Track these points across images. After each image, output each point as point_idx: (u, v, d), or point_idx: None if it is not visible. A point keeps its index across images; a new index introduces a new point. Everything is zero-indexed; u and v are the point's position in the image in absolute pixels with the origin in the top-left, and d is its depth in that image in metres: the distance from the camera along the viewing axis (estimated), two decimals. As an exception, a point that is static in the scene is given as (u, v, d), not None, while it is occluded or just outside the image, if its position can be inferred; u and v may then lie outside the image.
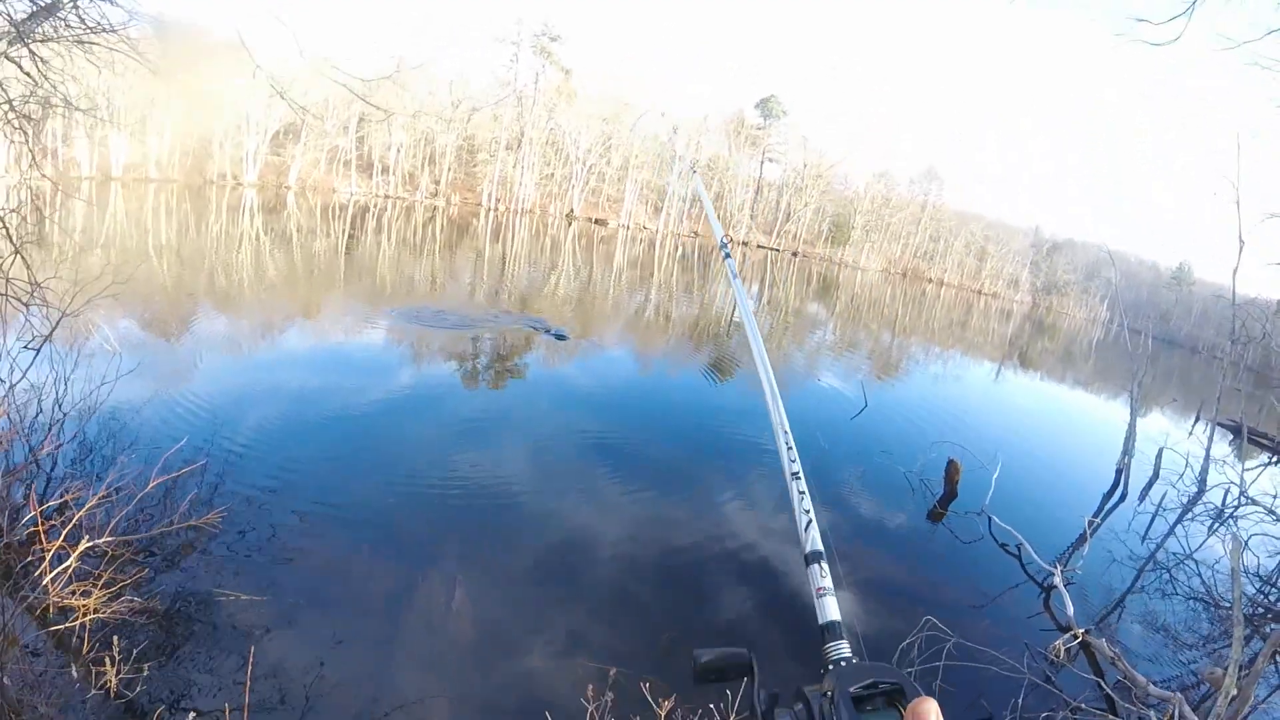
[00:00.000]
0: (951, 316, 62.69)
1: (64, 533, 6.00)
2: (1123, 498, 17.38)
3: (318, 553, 7.85)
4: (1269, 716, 9.30)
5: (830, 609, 1.62)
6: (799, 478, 2.07)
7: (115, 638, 5.18)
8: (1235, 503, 16.93)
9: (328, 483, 9.49)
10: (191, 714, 5.23)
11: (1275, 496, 16.57)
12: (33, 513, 6.19)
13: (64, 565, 5.76)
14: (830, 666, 1.29)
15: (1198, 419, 30.38)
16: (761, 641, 8.15)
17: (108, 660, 5.03)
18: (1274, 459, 25.56)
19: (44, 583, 5.66)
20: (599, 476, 11.56)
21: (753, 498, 12.07)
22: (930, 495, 13.86)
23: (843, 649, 1.43)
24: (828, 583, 1.67)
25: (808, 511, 1.93)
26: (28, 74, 6.48)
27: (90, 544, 5.94)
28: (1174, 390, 43.91)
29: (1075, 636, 9.20)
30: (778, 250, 79.32)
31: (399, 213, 41.72)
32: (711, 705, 5.46)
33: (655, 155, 68.01)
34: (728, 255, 3.44)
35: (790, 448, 2.14)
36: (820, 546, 1.87)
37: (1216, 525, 16.78)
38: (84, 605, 5.61)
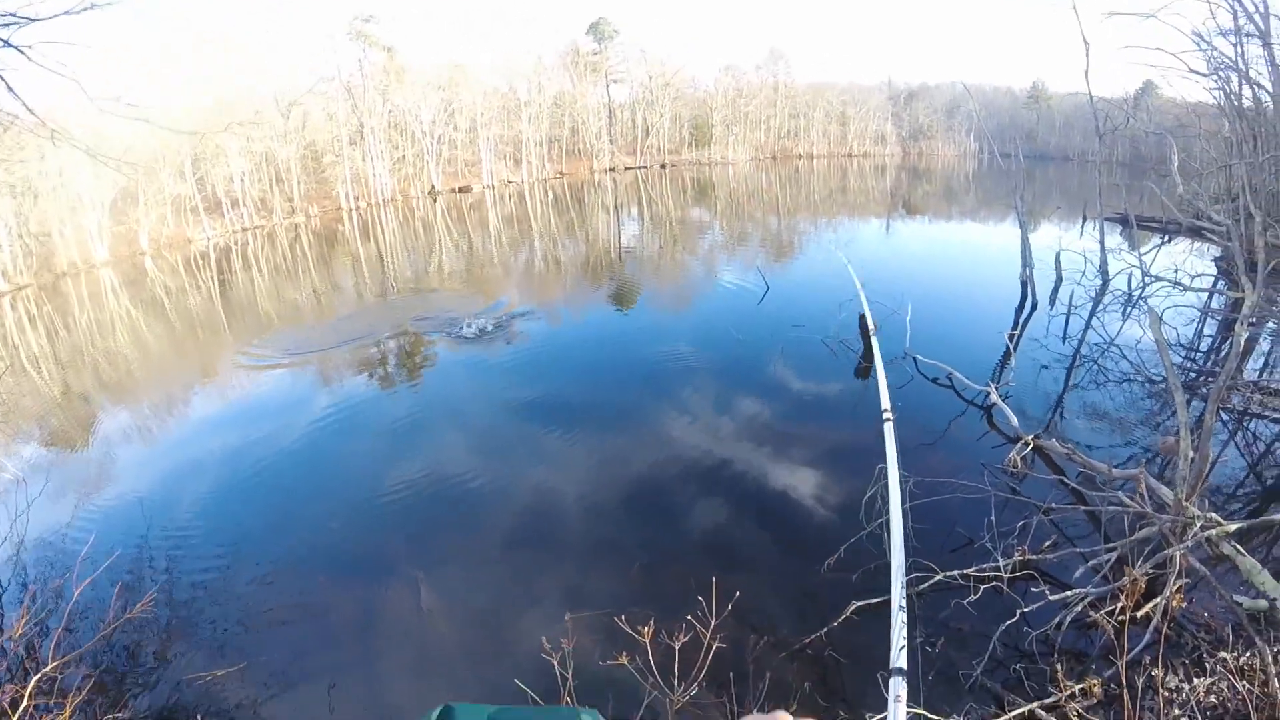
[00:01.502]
0: (829, 185, 62.87)
1: None
2: (1034, 307, 17.58)
3: (274, 602, 7.37)
4: (1229, 469, 9.42)
5: (901, 715, 2.02)
6: (904, 609, 2.71)
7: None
8: (1141, 284, 17.17)
9: (262, 530, 8.91)
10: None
11: (1176, 270, 16.92)
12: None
13: (22, 708, 5.21)
14: None
15: (1085, 219, 30.89)
16: (729, 556, 7.90)
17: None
18: (1166, 238, 26.09)
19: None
20: (534, 436, 11.13)
21: (688, 410, 11.84)
22: (852, 354, 13.80)
23: None
24: (903, 693, 2.08)
25: (904, 635, 2.47)
26: None
27: (40, 675, 5.40)
28: (1056, 199, 44.73)
29: (1027, 444, 9.16)
30: (645, 167, 78.41)
31: (262, 243, 39.80)
32: (689, 617, 5.19)
33: (500, 107, 66.70)
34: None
35: (903, 587, 2.87)
36: (904, 665, 2.32)
37: (1128, 309, 17.06)
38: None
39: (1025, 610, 5.92)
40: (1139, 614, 5.76)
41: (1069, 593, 6.06)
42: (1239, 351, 7.65)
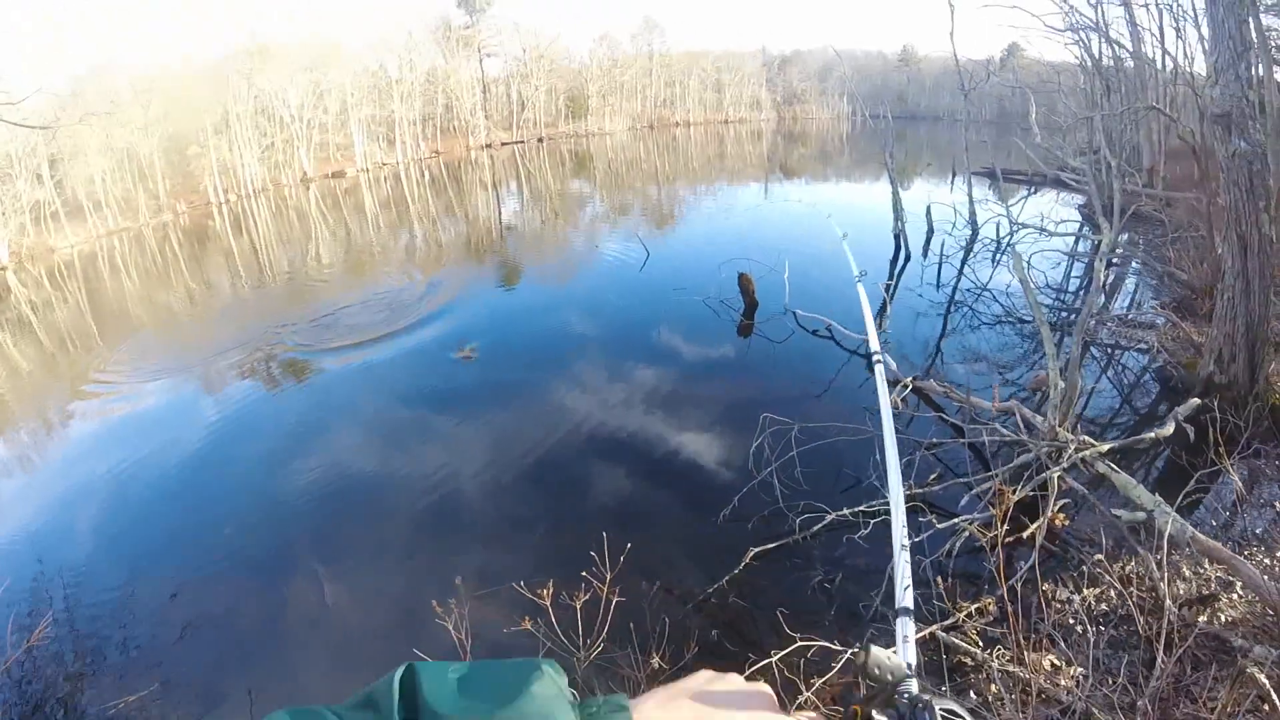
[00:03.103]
0: (707, 152, 62.99)
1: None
2: (908, 258, 18.00)
3: (179, 617, 7.01)
4: (1105, 400, 9.77)
5: (910, 654, 2.03)
6: (906, 549, 2.74)
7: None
8: (1009, 232, 17.69)
9: (155, 548, 8.42)
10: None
11: (1042, 218, 17.48)
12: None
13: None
14: (907, 695, 1.21)
15: (954, 174, 31.74)
16: (628, 518, 7.89)
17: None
18: (1032, 190, 26.91)
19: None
20: (424, 421, 10.88)
21: (577, 380, 11.83)
22: (733, 312, 13.88)
23: (913, 686, 1.35)
24: (911, 633, 2.10)
25: (908, 577, 2.44)
26: None
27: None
28: (926, 156, 45.73)
29: (906, 386, 9.34)
30: (523, 142, 77.01)
31: (129, 246, 37.84)
32: (584, 574, 5.13)
33: (370, 86, 65.08)
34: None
35: (904, 526, 2.90)
36: (911, 605, 2.30)
37: (998, 255, 17.60)
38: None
39: (916, 539, 6.05)
40: (1025, 534, 5.92)
41: (955, 520, 6.21)
42: (1099, 285, 7.90)
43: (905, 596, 2.26)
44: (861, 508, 6.70)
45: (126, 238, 40.84)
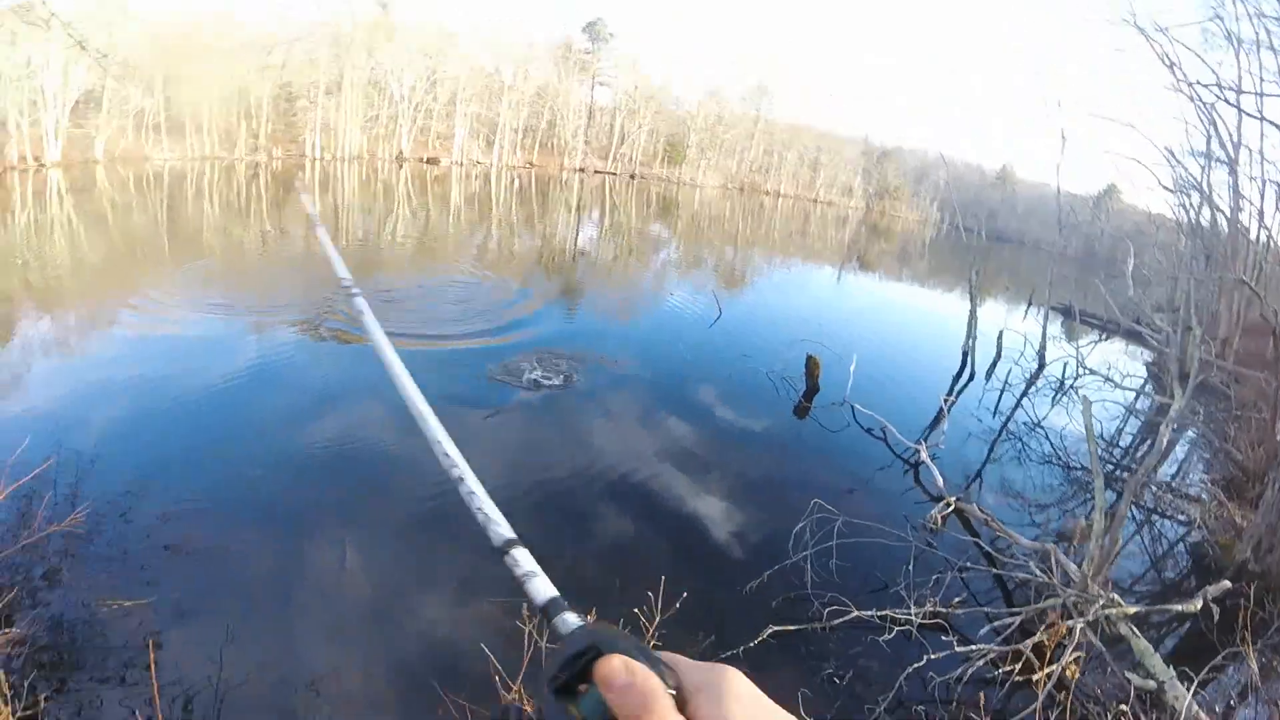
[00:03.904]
0: (791, 226, 63.32)
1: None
2: (971, 377, 18.03)
3: (194, 540, 7.11)
4: (1132, 561, 9.84)
5: (543, 588, 1.45)
6: (463, 480, 2.07)
7: (1, 674, 4.59)
8: (1075, 374, 17.81)
9: (188, 468, 8.53)
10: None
11: (1110, 367, 17.57)
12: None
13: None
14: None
15: (1030, 304, 31.70)
16: (655, 568, 8.06)
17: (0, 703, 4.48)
18: (1104, 335, 26.94)
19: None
20: (467, 423, 10.84)
21: (624, 419, 11.98)
22: (794, 391, 14.02)
23: (570, 620, 1.18)
24: (531, 565, 1.55)
25: (480, 509, 1.91)
26: None
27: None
28: (1005, 280, 45.62)
29: (948, 504, 9.47)
30: (615, 174, 78.16)
31: (219, 174, 38.48)
32: (636, 611, 5.34)
33: (483, 86, 66.32)
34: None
35: (448, 455, 2.17)
36: (510, 534, 1.82)
37: (1059, 395, 17.63)
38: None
39: (932, 657, 6.20)
40: (1035, 677, 6.04)
41: (973, 647, 6.34)
42: (1161, 450, 8.01)
43: (495, 532, 2.18)
44: (888, 612, 6.78)
45: (219, 166, 41.63)
